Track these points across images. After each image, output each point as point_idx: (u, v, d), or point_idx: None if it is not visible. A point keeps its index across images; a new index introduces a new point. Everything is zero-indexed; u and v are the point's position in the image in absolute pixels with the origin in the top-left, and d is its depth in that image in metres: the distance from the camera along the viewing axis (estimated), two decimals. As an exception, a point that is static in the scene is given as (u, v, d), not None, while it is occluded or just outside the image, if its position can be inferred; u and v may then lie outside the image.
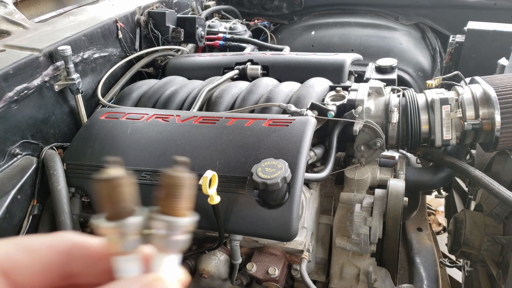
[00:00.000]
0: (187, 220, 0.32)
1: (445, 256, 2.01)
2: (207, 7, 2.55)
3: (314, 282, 1.24)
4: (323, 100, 1.40)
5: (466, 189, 1.80)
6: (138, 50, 1.88)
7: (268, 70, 1.71)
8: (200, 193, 1.01)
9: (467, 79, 1.40)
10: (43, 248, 0.33)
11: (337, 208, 1.36)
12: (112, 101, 1.63)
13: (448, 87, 1.43)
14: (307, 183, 1.27)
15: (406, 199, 1.23)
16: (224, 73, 1.69)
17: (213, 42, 2.21)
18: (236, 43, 2.20)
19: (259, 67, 1.71)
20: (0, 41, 1.45)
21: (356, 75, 1.75)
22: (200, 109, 1.47)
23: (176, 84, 1.62)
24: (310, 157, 1.25)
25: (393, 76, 1.57)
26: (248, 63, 1.73)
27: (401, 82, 2.09)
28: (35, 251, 0.33)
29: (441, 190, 2.11)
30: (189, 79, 1.71)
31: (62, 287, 0.34)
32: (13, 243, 0.33)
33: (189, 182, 0.32)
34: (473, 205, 1.59)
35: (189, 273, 1.22)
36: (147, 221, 0.32)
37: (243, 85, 1.57)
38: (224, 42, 2.21)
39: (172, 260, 0.33)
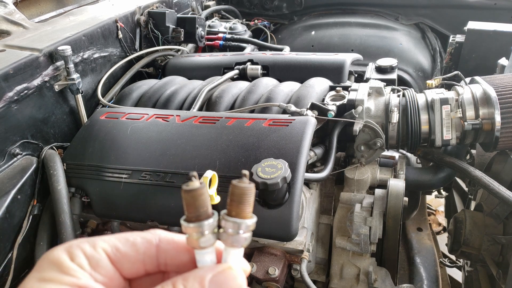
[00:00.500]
0: (251, 221, 0.40)
1: (445, 256, 2.01)
2: (207, 7, 2.55)
3: (314, 282, 1.24)
4: (323, 100, 1.40)
5: (466, 189, 1.80)
6: (138, 50, 1.88)
7: (268, 70, 1.71)
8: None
9: (467, 79, 1.40)
10: (141, 242, 0.41)
11: (337, 208, 1.36)
12: (112, 101, 1.63)
13: (448, 87, 1.43)
14: (307, 183, 1.27)
15: (406, 199, 1.23)
16: (224, 73, 1.69)
17: (213, 42, 2.21)
18: (236, 43, 2.19)
19: (259, 67, 1.71)
20: (0, 41, 1.45)
21: (356, 75, 1.75)
22: (200, 109, 1.47)
23: (176, 84, 1.62)
24: (310, 157, 1.25)
25: (393, 76, 1.57)
26: (248, 63, 1.73)
27: (401, 82, 2.09)
28: (136, 244, 0.40)
29: (441, 190, 2.11)
30: (189, 79, 1.71)
31: (154, 272, 0.42)
32: (119, 237, 0.41)
33: (253, 191, 0.39)
34: (473, 205, 1.59)
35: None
36: (220, 222, 0.40)
37: (243, 85, 1.57)
38: (224, 42, 2.21)
39: (238, 253, 0.41)
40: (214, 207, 1.14)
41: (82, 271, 0.37)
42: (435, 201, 2.62)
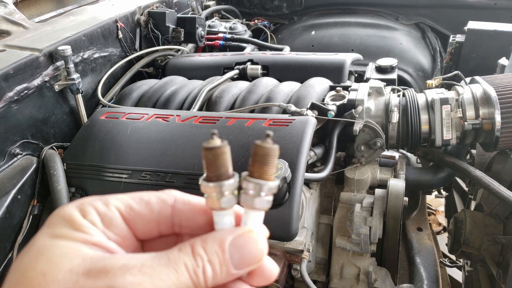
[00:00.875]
0: (274, 183, 0.38)
1: (445, 256, 2.01)
2: (207, 7, 2.55)
3: (314, 282, 1.24)
4: (323, 100, 1.40)
5: (466, 189, 1.80)
6: (138, 50, 1.88)
7: (268, 70, 1.71)
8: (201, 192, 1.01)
9: (467, 79, 1.40)
10: (156, 201, 0.39)
11: (337, 208, 1.35)
12: (112, 101, 1.63)
13: (448, 87, 1.43)
14: (307, 183, 1.27)
15: (406, 199, 1.23)
16: (224, 73, 1.69)
17: (213, 42, 2.21)
18: (236, 43, 2.19)
19: (259, 67, 1.71)
20: (0, 41, 1.45)
21: (356, 75, 1.75)
22: (200, 109, 1.47)
23: (176, 84, 1.62)
24: (310, 157, 1.25)
25: (393, 76, 1.57)
26: (248, 63, 1.73)
27: (401, 82, 2.09)
28: (150, 203, 0.39)
29: (441, 190, 2.11)
30: (189, 79, 1.71)
31: (168, 234, 0.41)
32: (133, 196, 0.39)
33: (277, 152, 0.37)
34: (473, 205, 1.59)
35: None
36: (241, 183, 0.39)
37: (243, 85, 1.57)
38: (224, 42, 2.21)
39: (259, 216, 0.39)
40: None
41: (95, 228, 0.36)
42: (435, 201, 2.62)
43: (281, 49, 2.04)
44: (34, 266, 0.33)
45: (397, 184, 1.24)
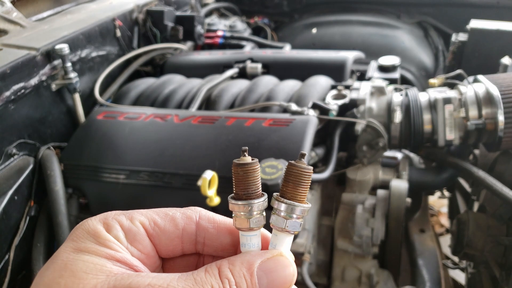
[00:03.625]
0: (306, 206, 0.37)
1: (448, 257, 1.99)
2: (206, 4, 2.53)
3: (316, 284, 1.22)
4: (324, 99, 1.38)
5: (469, 190, 1.78)
6: (136, 48, 1.86)
7: (269, 68, 1.69)
8: (200, 193, 0.99)
9: (470, 78, 1.38)
10: (181, 217, 0.38)
11: (339, 209, 1.34)
12: (110, 100, 1.61)
13: (451, 87, 1.41)
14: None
15: (409, 200, 1.22)
16: (223, 72, 1.67)
17: (212, 40, 2.19)
18: (236, 41, 2.17)
19: (259, 65, 1.69)
20: (-3, 40, 1.43)
21: (358, 73, 1.73)
22: (199, 108, 1.45)
23: (174, 82, 1.60)
24: (311, 157, 1.23)
25: (396, 75, 1.55)
26: (248, 61, 1.71)
27: (404, 81, 2.07)
28: (175, 219, 0.38)
29: (444, 191, 2.09)
30: (188, 77, 1.69)
31: (191, 252, 0.40)
32: (158, 211, 0.39)
33: (311, 173, 0.36)
34: (476, 206, 1.57)
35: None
36: (272, 203, 0.37)
37: (243, 83, 1.55)
38: (223, 40, 2.19)
39: (289, 239, 0.38)
40: (214, 209, 1.12)
41: (119, 244, 0.35)
42: (438, 202, 2.61)
43: (281, 48, 2.02)
44: (58, 281, 0.32)
45: (400, 185, 1.23)
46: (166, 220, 0.38)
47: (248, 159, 0.36)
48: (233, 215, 0.37)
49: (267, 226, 0.38)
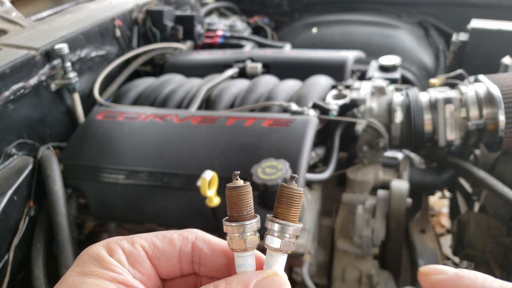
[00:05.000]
0: (298, 226, 0.38)
1: (448, 258, 1.99)
2: (206, 4, 2.52)
3: (316, 285, 1.22)
4: (324, 99, 1.38)
5: (470, 190, 1.78)
6: (136, 48, 1.85)
7: (269, 68, 1.68)
8: (199, 193, 0.99)
9: (471, 78, 1.37)
10: (178, 238, 0.40)
11: (339, 210, 1.33)
12: (109, 100, 1.61)
13: (452, 87, 1.41)
14: (309, 184, 1.25)
15: (409, 200, 1.21)
16: (223, 71, 1.66)
17: (212, 40, 2.19)
18: (236, 41, 2.17)
19: (259, 65, 1.68)
20: (-4, 40, 1.42)
21: (358, 73, 1.72)
22: (199, 108, 1.45)
23: (174, 82, 1.60)
24: (311, 157, 1.23)
25: (396, 75, 1.54)
26: (248, 61, 1.70)
27: (404, 81, 2.07)
28: (173, 240, 0.40)
29: (445, 191, 2.08)
30: (188, 77, 1.69)
31: (189, 273, 0.42)
32: (157, 234, 0.41)
33: (302, 195, 0.38)
34: (477, 206, 1.57)
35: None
36: (264, 224, 0.39)
37: (243, 83, 1.54)
38: (223, 40, 2.18)
39: (282, 259, 0.39)
40: (215, 209, 1.11)
41: (122, 267, 0.38)
42: (438, 203, 2.60)
43: (281, 47, 2.01)
44: None
45: (400, 185, 1.22)
46: (164, 241, 0.40)
47: (240, 182, 0.38)
48: (227, 236, 0.38)
49: (260, 247, 0.39)
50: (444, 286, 0.33)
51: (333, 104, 1.29)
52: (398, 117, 1.28)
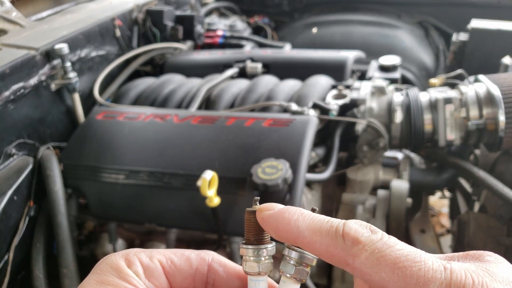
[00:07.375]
0: (314, 256, 0.38)
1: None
2: (206, 4, 2.52)
3: (316, 285, 1.22)
4: (325, 99, 1.38)
5: (470, 190, 1.78)
6: (136, 48, 1.86)
7: (269, 68, 1.69)
8: (199, 193, 0.99)
9: (471, 78, 1.37)
10: (195, 258, 0.41)
11: (339, 210, 1.33)
12: (109, 100, 1.61)
13: (452, 86, 1.41)
14: (309, 184, 1.25)
15: (409, 200, 1.21)
16: (223, 71, 1.66)
17: (212, 40, 2.19)
18: (236, 41, 2.17)
19: (259, 65, 1.68)
20: (-4, 40, 1.42)
21: (358, 73, 1.72)
22: (199, 108, 1.45)
23: (174, 82, 1.60)
24: (311, 157, 1.23)
25: (396, 74, 1.54)
26: (248, 61, 1.70)
27: (404, 80, 2.07)
28: (190, 259, 0.41)
29: (445, 191, 2.08)
30: (188, 77, 1.69)
31: None
32: (175, 251, 0.42)
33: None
34: (477, 206, 1.57)
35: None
36: (282, 251, 0.39)
37: (243, 83, 1.54)
38: (223, 40, 2.18)
39: (296, 287, 0.39)
40: (215, 209, 1.11)
41: (138, 279, 0.38)
42: (438, 202, 2.60)
43: (281, 47, 2.01)
44: None
45: (400, 185, 1.22)
46: (182, 259, 0.41)
47: (259, 206, 0.39)
48: (242, 259, 0.39)
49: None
50: (270, 220, 0.36)
51: (333, 104, 1.29)
52: (398, 117, 1.28)
